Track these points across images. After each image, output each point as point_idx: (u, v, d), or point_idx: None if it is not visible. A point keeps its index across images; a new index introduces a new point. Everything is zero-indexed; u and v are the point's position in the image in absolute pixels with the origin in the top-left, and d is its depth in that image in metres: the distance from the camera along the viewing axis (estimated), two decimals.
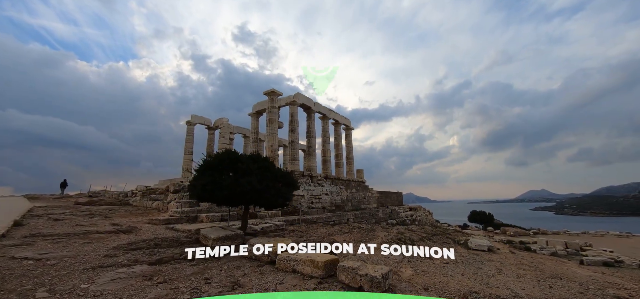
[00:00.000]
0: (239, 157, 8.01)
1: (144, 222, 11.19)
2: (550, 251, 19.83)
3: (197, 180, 7.81)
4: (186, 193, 14.76)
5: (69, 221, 9.94)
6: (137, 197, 18.09)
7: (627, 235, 33.03)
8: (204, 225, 10.53)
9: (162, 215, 13.03)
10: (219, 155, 8.14)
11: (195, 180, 7.90)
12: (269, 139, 21.05)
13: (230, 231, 7.71)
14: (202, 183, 7.56)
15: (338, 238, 12.77)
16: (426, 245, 14.85)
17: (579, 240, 26.87)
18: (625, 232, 35.68)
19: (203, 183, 7.56)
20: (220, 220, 12.05)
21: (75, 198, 19.59)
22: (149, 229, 9.44)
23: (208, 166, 7.78)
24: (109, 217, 11.74)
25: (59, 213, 11.56)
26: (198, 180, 7.79)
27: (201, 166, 7.90)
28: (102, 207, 15.18)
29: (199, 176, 7.84)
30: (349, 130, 31.94)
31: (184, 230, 9.23)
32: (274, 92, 21.58)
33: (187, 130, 28.64)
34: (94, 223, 9.80)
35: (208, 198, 7.71)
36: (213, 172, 7.66)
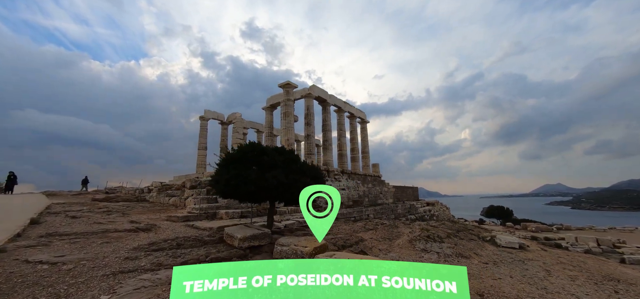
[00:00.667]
0: (264, 149, 7.35)
1: (162, 219, 10.75)
2: (584, 249, 18.54)
3: (220, 175, 7.20)
4: (203, 189, 14.31)
5: (86, 219, 9.55)
6: (153, 193, 17.82)
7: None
8: (225, 222, 9.98)
9: (180, 211, 12.59)
10: (242, 148, 7.50)
11: (217, 174, 7.29)
12: (285, 133, 20.42)
13: (256, 230, 7.09)
14: (226, 178, 6.94)
15: (364, 235, 12.05)
16: (454, 243, 13.97)
17: (610, 236, 25.32)
18: None
19: (227, 177, 6.94)
20: (240, 217, 11.50)
21: (93, 195, 19.52)
22: (168, 227, 8.95)
23: (231, 159, 7.15)
24: (126, 214, 11.36)
25: (76, 210, 11.24)
26: (221, 175, 7.18)
27: (224, 160, 7.28)
28: (119, 204, 14.91)
29: (222, 171, 7.23)
30: (364, 124, 31.03)
31: (205, 227, 8.69)
32: (289, 84, 20.89)
33: (201, 126, 28.35)
34: (111, 221, 9.38)
35: (232, 194, 7.10)
36: (237, 166, 7.02)
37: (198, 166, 27.65)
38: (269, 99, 25.17)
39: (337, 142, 25.45)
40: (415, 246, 12.01)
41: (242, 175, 6.75)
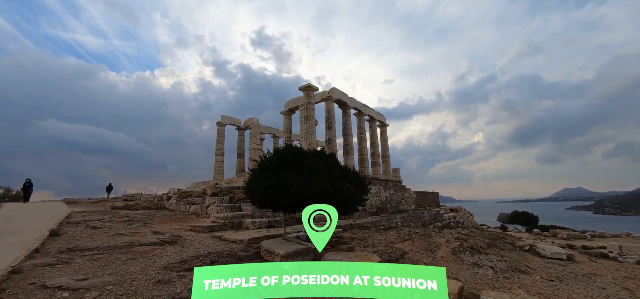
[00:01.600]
0: (304, 153, 6.48)
1: (185, 229, 10.02)
2: (635, 259, 16.75)
3: (256, 182, 6.36)
4: (225, 196, 13.58)
5: (107, 230, 8.90)
6: (172, 201, 17.26)
7: None
8: (253, 233, 9.13)
9: (203, 220, 11.86)
10: (281, 151, 6.66)
11: (254, 181, 6.47)
12: (307, 137, 19.60)
13: (298, 244, 6.19)
14: (264, 186, 6.09)
15: (402, 245, 10.95)
16: (499, 254, 12.59)
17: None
18: None
19: (265, 185, 6.10)
20: (268, 227, 10.65)
21: (112, 203, 19.18)
22: (195, 238, 8.16)
23: (269, 164, 6.30)
24: (148, 224, 10.70)
25: (97, 219, 10.66)
26: (257, 182, 6.35)
27: (261, 166, 6.45)
28: (139, 212, 14.36)
29: (259, 177, 6.39)
30: (384, 127, 29.91)
31: (235, 240, 7.85)
32: (310, 86, 20.13)
33: (218, 131, 27.94)
34: (134, 231, 8.69)
35: (271, 204, 6.24)
36: (276, 172, 6.17)
37: (216, 173, 27.16)
38: (287, 103, 24.49)
39: (358, 146, 24.45)
40: (463, 259, 10.80)
41: (282, 182, 5.88)
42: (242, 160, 28.93)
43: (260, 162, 6.64)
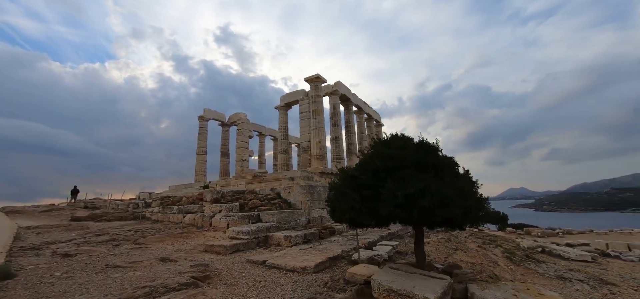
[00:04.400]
0: (419, 146, 4.56)
1: (199, 250, 7.48)
2: (638, 257, 17.37)
3: (350, 189, 4.31)
4: (234, 203, 11.00)
5: (89, 259, 6.10)
6: (155, 209, 14.06)
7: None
8: (293, 251, 6.92)
9: (212, 234, 9.26)
10: (385, 142, 4.65)
11: (346, 186, 4.40)
12: (316, 134, 17.47)
13: (432, 277, 4.26)
14: (367, 195, 4.08)
15: (461, 257, 9.47)
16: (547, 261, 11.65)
17: (622, 239, 24.90)
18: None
19: (370, 194, 4.08)
20: (304, 242, 8.47)
21: (71, 211, 15.24)
22: (231, 268, 5.77)
23: (381, 165, 4.28)
24: (141, 244, 7.90)
25: (64, 240, 7.60)
26: (347, 187, 4.32)
27: (361, 166, 4.39)
28: (115, 225, 11.18)
29: (349, 183, 4.36)
30: (380, 126, 28.84)
31: (292, 267, 5.61)
32: (318, 77, 18.05)
33: (200, 127, 24.49)
34: (133, 261, 6.01)
35: (372, 217, 4.24)
36: (381, 174, 4.19)
37: (197, 174, 23.72)
38: (283, 97, 22.10)
39: (359, 145, 22.91)
40: (536, 270, 9.61)
41: (400, 186, 3.91)
42: (226, 160, 25.77)
43: (360, 163, 4.57)
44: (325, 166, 16.84)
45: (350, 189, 4.24)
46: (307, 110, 20.19)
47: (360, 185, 4.19)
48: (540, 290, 4.09)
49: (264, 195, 12.18)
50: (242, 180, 14.97)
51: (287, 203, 11.62)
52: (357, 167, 4.39)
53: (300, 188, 11.87)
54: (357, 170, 4.27)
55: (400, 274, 4.35)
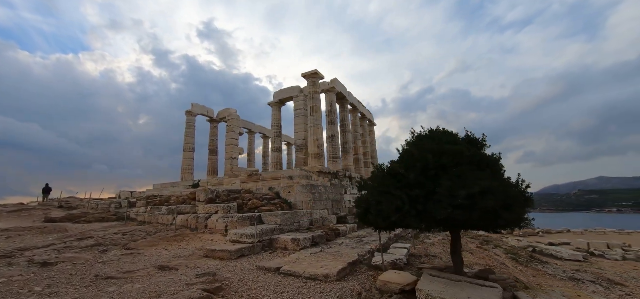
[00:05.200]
0: (458, 141, 4.17)
1: (199, 255, 6.77)
2: (621, 256, 18.10)
3: (396, 188, 3.84)
4: (232, 203, 10.24)
5: (76, 271, 5.27)
6: (140, 209, 12.99)
7: (627, 232, 33.24)
8: (304, 255, 6.37)
9: (209, 237, 8.51)
10: (429, 136, 4.20)
11: (384, 186, 3.92)
12: (313, 131, 16.88)
13: (470, 282, 3.85)
14: (415, 195, 3.63)
15: (465, 259, 9.25)
16: (557, 264, 11.74)
17: (598, 238, 26.18)
18: (617, 228, 35.73)
19: (417, 194, 3.63)
20: (312, 244, 7.92)
21: (44, 211, 13.83)
22: (242, 277, 5.14)
23: (419, 162, 3.83)
24: (132, 249, 7.07)
25: (41, 246, 6.64)
26: (397, 189, 3.84)
27: (406, 162, 3.92)
28: (96, 227, 10.14)
29: (389, 182, 3.89)
30: (372, 126, 28.69)
31: (313, 275, 5.05)
32: (316, 73, 17.48)
33: (187, 123, 23.23)
34: (128, 272, 5.24)
35: (425, 221, 3.80)
36: (433, 173, 3.75)
37: (184, 172, 22.48)
38: (277, 93, 21.35)
39: (353, 144, 22.57)
40: (546, 271, 9.54)
41: (450, 187, 3.50)
42: (214, 157, 24.64)
43: (401, 159, 4.09)
44: (322, 164, 16.34)
45: (396, 188, 3.76)
46: (302, 107, 19.59)
47: (406, 184, 3.72)
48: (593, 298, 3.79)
49: (262, 194, 11.50)
50: (237, 179, 14.17)
51: (287, 203, 11.02)
52: (401, 164, 3.91)
53: (301, 187, 11.30)
54: (402, 167, 3.80)
55: (447, 283, 3.92)
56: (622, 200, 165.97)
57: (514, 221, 3.75)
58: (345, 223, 11.38)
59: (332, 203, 12.96)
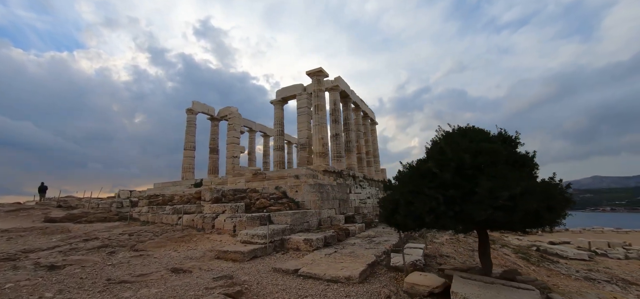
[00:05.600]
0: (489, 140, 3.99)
1: (210, 257, 6.56)
2: (623, 255, 18.16)
3: (430, 188, 3.66)
4: (240, 202, 10.01)
5: (85, 274, 5.03)
6: (142, 208, 12.70)
7: (625, 231, 33.40)
8: (318, 257, 6.19)
9: (219, 237, 8.28)
10: (461, 133, 4.01)
11: (423, 187, 3.74)
12: (318, 131, 16.68)
13: (504, 284, 3.70)
14: (451, 195, 3.45)
15: (477, 259, 9.13)
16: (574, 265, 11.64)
17: (599, 238, 26.25)
18: (614, 227, 35.83)
19: (452, 194, 3.46)
20: (325, 245, 7.74)
21: (42, 211, 13.48)
22: (260, 280, 4.94)
23: (444, 159, 3.65)
24: (142, 251, 6.82)
25: (46, 249, 6.38)
26: (432, 189, 3.66)
27: (438, 161, 3.73)
28: (99, 228, 9.86)
29: (434, 182, 3.70)
30: (374, 125, 28.54)
31: (335, 278, 4.87)
32: (321, 71, 17.26)
33: (188, 121, 22.90)
34: (141, 276, 5.02)
35: (461, 222, 3.62)
36: (469, 172, 3.58)
37: (184, 171, 22.16)
38: (280, 91, 21.09)
39: (356, 143, 22.38)
40: (560, 271, 9.44)
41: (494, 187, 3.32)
42: (215, 156, 24.32)
43: (444, 155, 3.89)
44: (327, 163, 16.15)
45: (430, 188, 3.57)
46: (305, 105, 19.36)
47: (441, 184, 3.54)
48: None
49: (269, 193, 11.28)
50: (241, 178, 13.93)
51: (295, 203, 10.81)
52: (434, 163, 3.73)
53: (309, 186, 11.10)
54: (436, 166, 3.61)
55: (482, 286, 3.76)
56: (616, 199, 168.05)
57: (554, 222, 3.58)
58: (354, 223, 11.21)
59: (339, 202, 12.79)
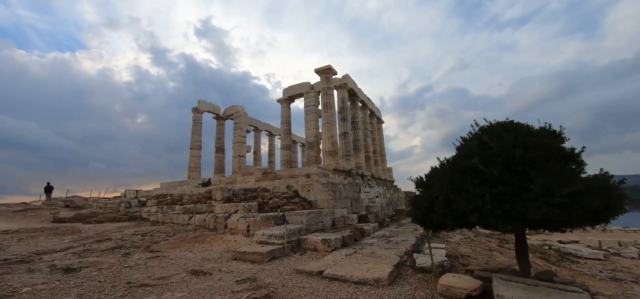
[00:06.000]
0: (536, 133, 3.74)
1: (229, 258, 6.36)
2: (637, 254, 17.84)
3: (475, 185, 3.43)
4: (252, 202, 9.81)
5: (103, 277, 4.84)
6: (151, 208, 12.53)
7: (633, 230, 32.85)
8: (342, 258, 5.96)
9: (232, 237, 8.08)
10: (503, 128, 3.77)
11: (466, 184, 3.50)
12: (328, 129, 16.44)
13: (550, 286, 3.47)
14: (499, 192, 3.22)
15: (497, 258, 8.87)
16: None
17: (607, 237, 25.81)
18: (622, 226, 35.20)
19: (500, 192, 3.22)
20: (343, 245, 7.51)
21: (50, 211, 13.36)
22: (286, 283, 4.73)
23: (490, 153, 3.42)
24: (157, 252, 6.63)
25: (60, 251, 6.20)
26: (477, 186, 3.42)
27: (483, 156, 3.49)
28: (110, 228, 9.69)
29: (478, 179, 3.46)
30: (380, 123, 28.27)
31: (362, 280, 4.66)
32: (330, 69, 17.02)
33: (194, 120, 22.73)
34: (162, 279, 4.82)
35: (511, 221, 3.39)
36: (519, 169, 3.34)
37: (191, 170, 22.02)
38: (287, 90, 20.86)
39: (364, 142, 22.13)
40: (583, 271, 9.18)
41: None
42: (221, 155, 24.18)
43: (490, 151, 3.64)
44: (337, 162, 15.93)
45: (475, 186, 3.34)
46: (313, 104, 19.13)
47: (486, 181, 3.31)
48: None
49: (280, 193, 11.08)
50: (251, 177, 13.73)
51: (307, 202, 10.60)
52: (479, 158, 3.47)
53: (321, 186, 10.88)
54: (481, 162, 3.37)
55: (526, 288, 3.52)
56: None
57: (610, 219, 3.34)
58: (368, 222, 10.98)
59: (351, 201, 12.56)
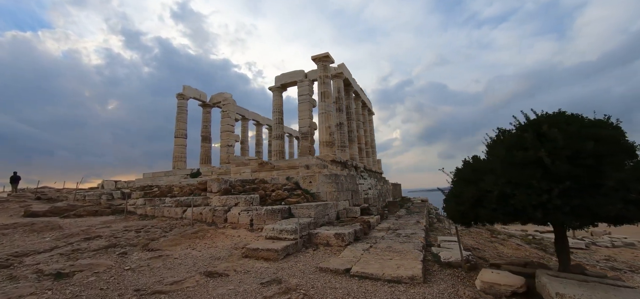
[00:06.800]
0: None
1: (239, 256, 5.87)
2: (610, 243, 19.13)
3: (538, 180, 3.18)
4: (252, 194, 9.24)
5: (103, 284, 4.21)
6: (138, 200, 11.58)
7: None
8: (361, 254, 5.66)
9: (235, 232, 7.54)
10: (566, 120, 3.51)
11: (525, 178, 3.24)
12: (325, 119, 15.93)
13: (600, 281, 3.34)
14: (566, 187, 2.99)
15: (504, 251, 8.98)
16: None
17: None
18: None
19: (568, 186, 3.00)
20: (355, 239, 7.21)
21: (18, 204, 12.00)
22: (321, 285, 4.34)
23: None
24: (157, 250, 5.98)
25: (43, 251, 5.41)
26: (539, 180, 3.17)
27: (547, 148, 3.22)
28: (95, 223, 8.79)
29: (540, 173, 3.21)
30: (371, 115, 28.19)
31: (396, 278, 4.37)
32: (328, 57, 16.41)
33: (179, 107, 21.38)
34: (175, 283, 4.26)
35: (580, 218, 3.18)
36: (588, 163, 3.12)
37: (176, 160, 20.80)
38: (279, 77, 20.05)
39: (357, 133, 21.90)
40: (592, 264, 9.45)
41: None
42: (208, 145, 23.06)
43: (546, 144, 3.36)
44: (334, 153, 15.56)
45: (539, 180, 3.07)
46: (307, 92, 18.54)
47: (548, 175, 3.06)
48: None
49: (281, 184, 10.57)
50: (246, 168, 13.06)
51: (310, 194, 10.19)
52: (545, 151, 3.20)
53: (324, 177, 10.49)
54: (546, 154, 3.10)
55: (581, 285, 3.36)
56: None
57: None
58: (371, 215, 10.77)
59: (351, 193, 12.30)
